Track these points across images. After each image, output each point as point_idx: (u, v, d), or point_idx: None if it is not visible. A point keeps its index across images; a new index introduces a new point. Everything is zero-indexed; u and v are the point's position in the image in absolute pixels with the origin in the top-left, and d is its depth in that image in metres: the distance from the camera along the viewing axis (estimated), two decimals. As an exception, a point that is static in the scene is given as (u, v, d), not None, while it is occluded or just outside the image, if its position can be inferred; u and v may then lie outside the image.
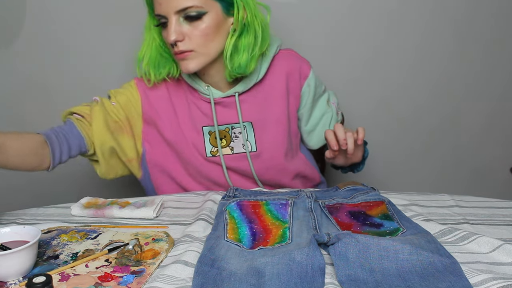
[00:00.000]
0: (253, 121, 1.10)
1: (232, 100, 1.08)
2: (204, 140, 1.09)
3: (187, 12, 0.94)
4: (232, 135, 1.10)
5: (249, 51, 1.01)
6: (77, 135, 1.04)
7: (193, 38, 0.97)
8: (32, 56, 1.54)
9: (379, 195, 0.96)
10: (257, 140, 1.10)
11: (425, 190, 1.13)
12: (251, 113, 1.09)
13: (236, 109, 1.08)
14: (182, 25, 0.96)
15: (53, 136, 0.99)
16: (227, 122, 1.09)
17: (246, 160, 1.11)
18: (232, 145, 1.11)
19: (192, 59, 0.99)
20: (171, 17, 0.95)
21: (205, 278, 0.67)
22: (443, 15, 1.50)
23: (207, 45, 0.98)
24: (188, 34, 0.96)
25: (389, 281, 0.66)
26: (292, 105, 1.13)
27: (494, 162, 1.68)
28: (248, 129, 1.10)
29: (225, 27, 1.00)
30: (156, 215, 0.94)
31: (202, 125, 1.09)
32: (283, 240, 0.80)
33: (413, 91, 1.58)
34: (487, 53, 1.55)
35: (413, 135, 1.63)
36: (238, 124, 1.09)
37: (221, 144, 1.10)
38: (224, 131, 1.10)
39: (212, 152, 1.10)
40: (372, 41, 1.52)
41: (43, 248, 0.80)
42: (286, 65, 1.11)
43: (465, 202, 0.99)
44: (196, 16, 0.95)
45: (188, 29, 0.96)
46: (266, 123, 1.10)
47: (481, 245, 0.77)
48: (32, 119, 1.61)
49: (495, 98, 1.60)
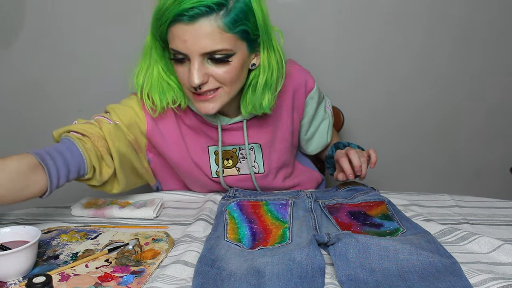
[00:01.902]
0: (261, 143, 1.05)
1: (240, 126, 1.02)
2: (209, 160, 1.04)
3: (214, 54, 0.84)
4: (240, 156, 1.05)
5: (271, 90, 0.95)
6: (77, 155, 0.87)
7: (219, 78, 0.87)
8: (32, 56, 1.54)
9: (379, 195, 0.96)
10: (265, 161, 1.07)
11: (425, 190, 1.13)
12: (260, 135, 1.05)
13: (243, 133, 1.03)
14: (206, 66, 0.86)
15: (46, 156, 0.81)
16: (233, 143, 1.04)
17: (250, 181, 1.07)
18: (239, 166, 1.06)
19: (216, 100, 0.90)
20: (194, 58, 0.84)
21: (205, 278, 0.67)
22: (443, 16, 1.50)
23: (233, 84, 0.90)
24: (213, 74, 0.87)
25: (389, 281, 0.66)
26: (296, 119, 1.11)
27: (494, 162, 1.68)
28: (257, 150, 1.06)
29: (248, 64, 0.92)
30: (156, 215, 0.94)
31: (208, 145, 1.04)
32: (283, 240, 0.80)
33: (413, 91, 1.58)
34: (487, 53, 1.55)
35: (413, 135, 1.63)
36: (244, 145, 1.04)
37: (228, 164, 1.05)
38: (231, 151, 1.04)
39: (217, 172, 1.05)
40: (372, 42, 1.52)
41: (43, 248, 0.80)
42: (292, 82, 1.06)
43: (465, 202, 0.99)
44: (223, 59, 0.85)
45: (212, 70, 0.86)
46: (275, 143, 1.07)
47: (481, 245, 0.77)
48: (32, 119, 1.61)
49: (495, 98, 1.60)
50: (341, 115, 1.43)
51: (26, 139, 1.63)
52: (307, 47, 1.49)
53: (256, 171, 1.07)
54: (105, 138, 0.92)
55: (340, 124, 1.43)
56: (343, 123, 1.43)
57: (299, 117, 1.12)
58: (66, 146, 0.87)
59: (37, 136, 1.63)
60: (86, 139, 0.90)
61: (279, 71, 0.94)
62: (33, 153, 0.80)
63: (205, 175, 1.05)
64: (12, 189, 0.75)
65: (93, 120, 0.96)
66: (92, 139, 0.91)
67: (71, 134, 0.91)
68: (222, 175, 1.05)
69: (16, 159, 0.77)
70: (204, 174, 1.05)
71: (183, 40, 0.83)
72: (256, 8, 0.85)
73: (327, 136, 1.19)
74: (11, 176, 0.75)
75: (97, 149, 0.91)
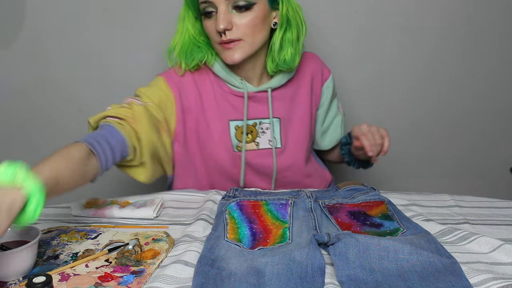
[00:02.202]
0: (281, 117, 1.10)
1: (264, 96, 1.08)
2: (230, 134, 1.08)
3: (237, 1, 0.95)
4: (259, 130, 1.09)
5: (293, 46, 1.03)
6: (119, 138, 0.93)
7: (241, 28, 0.97)
8: (32, 56, 1.54)
9: (379, 195, 0.96)
10: (283, 136, 1.11)
11: (425, 190, 1.13)
12: (280, 109, 1.10)
13: (267, 105, 1.09)
14: (231, 14, 0.96)
15: (95, 144, 0.87)
16: (256, 117, 1.09)
17: (270, 156, 1.11)
18: (258, 141, 1.10)
19: (239, 49, 0.99)
20: (220, 4, 0.95)
21: (205, 278, 0.67)
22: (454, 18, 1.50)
23: (254, 36, 0.99)
24: (237, 23, 0.97)
25: (389, 281, 0.66)
26: (314, 105, 1.16)
27: (494, 162, 1.68)
28: (275, 125, 1.10)
29: (269, 21, 1.01)
30: (156, 215, 0.94)
31: (229, 119, 1.08)
32: (283, 240, 0.80)
33: (412, 91, 1.58)
34: (487, 53, 1.55)
35: (413, 135, 1.63)
36: (267, 119, 1.09)
37: (247, 139, 1.09)
38: (251, 126, 1.09)
39: (238, 147, 1.09)
40: (373, 42, 1.52)
41: (43, 248, 0.80)
42: (311, 65, 1.15)
43: (465, 202, 0.99)
44: (246, 6, 0.96)
45: (236, 19, 0.97)
46: (292, 120, 1.12)
47: (481, 245, 0.77)
48: (32, 119, 1.61)
49: (495, 98, 1.60)
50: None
51: (26, 139, 1.63)
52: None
53: (275, 146, 1.11)
54: (136, 119, 0.98)
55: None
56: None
57: (316, 105, 1.17)
58: (108, 132, 0.93)
59: (37, 136, 1.63)
60: (124, 122, 0.97)
61: (298, 27, 1.03)
62: (84, 142, 0.86)
63: (224, 149, 1.08)
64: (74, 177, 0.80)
65: (126, 103, 1.01)
66: (129, 121, 0.97)
67: (109, 119, 0.97)
68: (244, 149, 1.08)
69: (75, 149, 0.83)
70: (224, 148, 1.08)
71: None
72: None
73: (340, 131, 1.23)
74: (75, 166, 0.80)
75: (135, 130, 0.97)
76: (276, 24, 1.02)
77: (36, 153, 1.67)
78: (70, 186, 0.80)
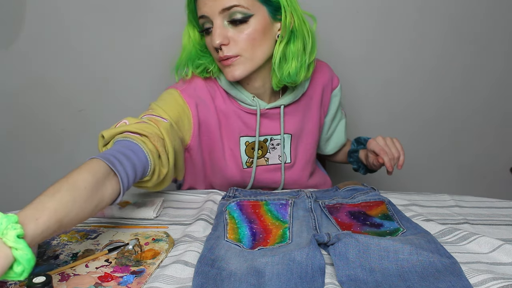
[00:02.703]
0: (292, 133, 1.08)
1: (276, 112, 1.04)
2: (239, 150, 1.06)
3: (232, 14, 0.89)
4: (270, 146, 1.07)
5: (298, 59, 0.95)
6: (143, 158, 0.82)
7: (238, 43, 0.91)
8: (32, 56, 1.54)
9: (379, 195, 0.96)
10: (292, 152, 1.10)
11: (425, 190, 1.13)
12: (292, 125, 1.07)
13: (279, 121, 1.05)
14: (227, 29, 0.91)
15: (116, 163, 0.74)
16: (267, 134, 1.06)
17: (279, 171, 1.10)
18: (268, 156, 1.09)
19: (238, 65, 0.93)
20: (215, 18, 0.90)
21: (205, 278, 0.67)
22: (451, 19, 1.51)
23: (254, 50, 0.92)
24: (234, 38, 0.91)
25: (389, 281, 0.66)
26: (322, 114, 1.16)
27: (494, 162, 1.68)
28: (286, 141, 1.08)
29: (272, 33, 0.95)
30: (156, 215, 0.94)
31: (240, 135, 1.05)
32: (283, 240, 0.80)
33: (413, 92, 1.58)
34: (487, 53, 1.55)
35: (413, 135, 1.63)
36: (278, 135, 1.06)
37: (257, 155, 1.07)
38: (261, 142, 1.07)
39: (247, 163, 1.07)
40: (370, 39, 1.52)
41: (43, 248, 0.80)
42: (322, 76, 1.12)
43: (465, 202, 0.99)
44: (242, 20, 0.90)
45: (233, 33, 0.91)
46: (302, 134, 1.11)
47: (481, 245, 0.77)
48: (32, 119, 1.61)
49: (496, 98, 1.60)
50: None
51: (26, 139, 1.63)
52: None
53: (284, 161, 1.10)
54: (164, 137, 0.89)
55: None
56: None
57: (324, 113, 1.16)
58: (130, 148, 0.80)
59: (37, 136, 1.63)
60: (146, 140, 0.85)
61: (304, 39, 0.95)
62: (102, 159, 0.72)
63: (235, 165, 1.06)
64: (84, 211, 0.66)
65: (146, 119, 0.91)
66: (152, 139, 0.86)
67: (129, 134, 0.84)
68: (255, 165, 1.07)
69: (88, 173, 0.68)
70: (235, 164, 1.06)
71: (204, 3, 0.91)
72: None
73: (344, 135, 1.23)
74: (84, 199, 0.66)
75: (157, 149, 0.86)
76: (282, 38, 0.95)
77: (36, 153, 1.67)
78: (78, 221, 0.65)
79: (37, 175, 1.67)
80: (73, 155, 1.63)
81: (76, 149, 1.64)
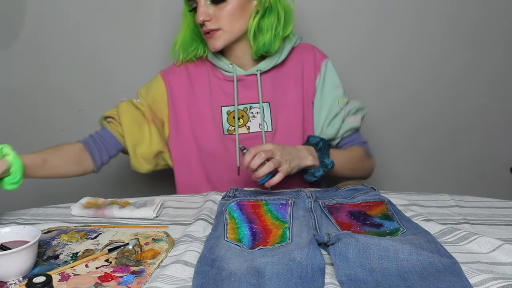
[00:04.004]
0: (270, 101, 1.15)
1: (253, 79, 1.15)
2: (222, 119, 1.16)
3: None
4: (250, 115, 1.16)
5: (272, 31, 1.09)
6: (110, 136, 1.16)
7: (219, 19, 1.06)
8: (32, 56, 1.54)
9: (379, 195, 0.96)
10: (273, 120, 1.15)
11: (425, 190, 1.13)
12: (269, 93, 1.15)
13: (257, 90, 1.14)
14: (209, 7, 1.06)
15: (90, 142, 1.13)
16: (246, 102, 1.16)
17: (260, 139, 1.15)
18: (249, 125, 1.16)
19: (219, 38, 1.08)
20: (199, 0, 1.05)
21: (205, 278, 0.67)
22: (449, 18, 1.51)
23: (232, 24, 1.07)
24: (215, 15, 1.06)
25: (389, 281, 0.66)
26: (308, 93, 1.17)
27: (494, 162, 1.68)
28: (266, 109, 1.15)
29: (249, 9, 1.09)
30: (156, 215, 0.94)
31: (221, 105, 1.16)
32: (283, 240, 0.80)
33: (413, 91, 1.58)
34: (485, 52, 1.55)
35: (413, 135, 1.63)
36: (257, 104, 1.15)
37: (238, 123, 1.15)
38: (242, 111, 1.16)
39: (229, 130, 1.15)
40: (371, 41, 1.52)
41: (43, 248, 0.80)
42: (303, 54, 1.18)
43: (465, 202, 0.99)
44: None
45: (214, 11, 1.06)
46: (282, 105, 1.15)
47: (481, 245, 0.77)
48: (32, 119, 1.61)
49: (496, 98, 1.60)
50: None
51: (26, 139, 1.63)
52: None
53: (265, 130, 1.15)
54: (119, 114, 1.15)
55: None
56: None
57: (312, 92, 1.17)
58: (103, 131, 1.17)
59: (37, 136, 1.63)
60: (113, 121, 1.16)
61: (279, 13, 1.10)
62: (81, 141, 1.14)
63: (216, 132, 1.15)
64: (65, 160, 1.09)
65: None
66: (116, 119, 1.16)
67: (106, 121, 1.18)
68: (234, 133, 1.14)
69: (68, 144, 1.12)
70: (216, 131, 1.15)
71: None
72: None
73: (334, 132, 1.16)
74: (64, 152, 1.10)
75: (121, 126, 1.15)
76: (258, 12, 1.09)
77: (36, 153, 1.67)
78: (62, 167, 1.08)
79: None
80: (73, 155, 1.63)
81: (76, 149, 1.63)
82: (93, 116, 1.58)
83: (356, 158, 1.18)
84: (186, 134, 1.18)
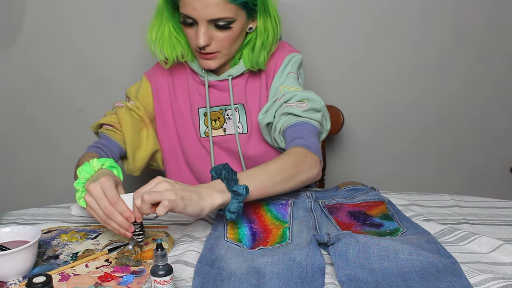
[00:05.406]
0: (244, 103, 1.14)
1: (226, 84, 1.13)
2: (199, 121, 1.15)
3: (218, 21, 0.99)
4: (226, 117, 1.15)
5: (267, 50, 1.08)
6: (115, 145, 1.13)
7: (219, 42, 1.02)
8: (32, 56, 1.54)
9: (379, 195, 0.96)
10: (248, 122, 1.14)
11: (425, 190, 1.13)
12: (242, 96, 1.14)
13: (229, 92, 1.13)
14: (210, 30, 1.01)
15: (102, 153, 1.08)
16: (220, 104, 1.14)
17: (235, 141, 1.14)
18: (225, 127, 1.15)
19: (215, 59, 1.05)
20: (202, 23, 0.99)
21: (205, 278, 0.67)
22: (442, 16, 1.51)
23: (231, 48, 1.05)
24: (215, 38, 1.02)
25: (389, 281, 0.66)
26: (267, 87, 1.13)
27: (494, 162, 1.68)
28: (241, 111, 1.14)
29: (245, 30, 1.07)
30: (156, 215, 0.94)
31: (198, 107, 1.15)
32: (283, 240, 0.80)
33: (413, 91, 1.58)
34: (486, 53, 1.55)
35: (413, 135, 1.63)
36: (230, 105, 1.14)
37: (215, 125, 1.15)
38: (218, 112, 1.15)
39: (205, 132, 1.15)
40: (371, 41, 1.52)
41: (43, 248, 0.80)
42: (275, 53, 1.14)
43: (465, 202, 0.99)
44: (226, 26, 1.00)
45: (215, 34, 1.01)
46: (255, 106, 1.14)
47: (481, 245, 0.77)
48: (32, 119, 1.61)
49: (495, 97, 1.60)
50: (340, 115, 1.43)
51: (26, 139, 1.63)
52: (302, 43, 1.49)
53: (241, 131, 1.14)
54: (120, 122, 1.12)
55: (340, 124, 1.43)
56: (343, 123, 1.43)
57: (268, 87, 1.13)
58: (107, 140, 1.12)
59: (37, 136, 1.63)
60: (114, 129, 1.13)
61: (274, 35, 1.08)
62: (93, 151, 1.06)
63: (195, 134, 1.15)
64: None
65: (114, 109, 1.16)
66: (117, 127, 1.13)
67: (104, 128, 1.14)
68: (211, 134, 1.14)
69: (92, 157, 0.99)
70: (195, 133, 1.15)
71: (193, 8, 0.97)
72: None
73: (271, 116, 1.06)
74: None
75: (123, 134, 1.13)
76: (251, 29, 1.07)
77: (36, 153, 1.67)
78: None
79: (36, 175, 1.66)
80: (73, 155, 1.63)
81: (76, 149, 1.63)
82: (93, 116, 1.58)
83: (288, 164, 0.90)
84: (172, 134, 1.18)
